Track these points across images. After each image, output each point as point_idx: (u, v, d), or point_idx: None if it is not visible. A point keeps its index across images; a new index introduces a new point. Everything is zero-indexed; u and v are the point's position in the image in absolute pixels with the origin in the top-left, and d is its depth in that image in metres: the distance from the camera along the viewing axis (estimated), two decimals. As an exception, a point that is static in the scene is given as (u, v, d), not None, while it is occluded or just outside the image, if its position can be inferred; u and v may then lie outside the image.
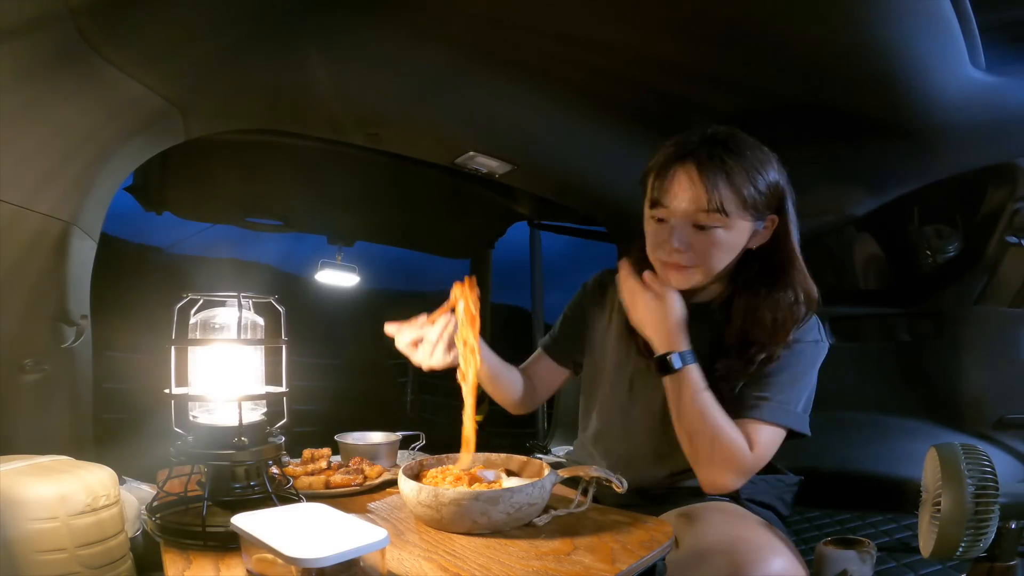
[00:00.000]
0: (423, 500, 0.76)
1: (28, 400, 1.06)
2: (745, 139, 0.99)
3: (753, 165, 0.96)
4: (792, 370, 0.98)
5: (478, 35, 1.26)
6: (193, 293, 0.79)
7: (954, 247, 2.37)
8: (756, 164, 0.96)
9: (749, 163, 0.96)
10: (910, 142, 1.65)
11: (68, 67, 1.00)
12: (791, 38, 1.24)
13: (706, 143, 0.97)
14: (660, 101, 1.52)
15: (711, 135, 0.98)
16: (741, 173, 0.94)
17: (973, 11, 1.26)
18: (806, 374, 0.99)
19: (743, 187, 0.94)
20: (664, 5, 1.14)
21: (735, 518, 0.91)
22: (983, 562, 0.82)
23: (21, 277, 1.04)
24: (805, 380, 0.99)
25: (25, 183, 1.01)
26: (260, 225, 3.41)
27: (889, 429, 2.18)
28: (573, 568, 0.67)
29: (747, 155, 0.96)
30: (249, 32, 1.16)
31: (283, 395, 0.83)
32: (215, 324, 0.81)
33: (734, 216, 0.95)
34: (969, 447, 0.80)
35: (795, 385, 0.97)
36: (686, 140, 0.99)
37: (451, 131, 1.68)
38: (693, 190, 0.94)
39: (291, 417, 0.84)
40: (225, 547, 0.71)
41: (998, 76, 1.43)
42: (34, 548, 0.64)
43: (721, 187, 0.93)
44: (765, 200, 0.97)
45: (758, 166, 0.97)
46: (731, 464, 0.92)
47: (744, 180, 0.94)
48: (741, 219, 0.96)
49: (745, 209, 0.95)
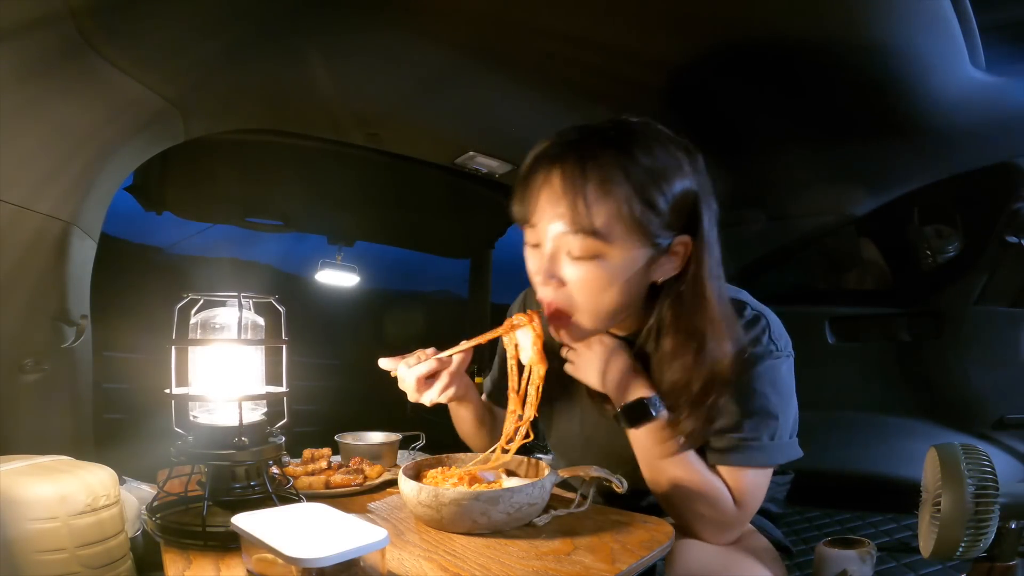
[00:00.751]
0: (423, 500, 0.76)
1: (28, 400, 1.06)
2: (645, 134, 0.76)
3: (648, 169, 0.73)
4: (754, 401, 0.82)
5: (478, 35, 1.26)
6: (193, 293, 0.79)
7: (954, 247, 2.37)
8: (653, 168, 0.73)
9: (641, 167, 0.73)
10: (910, 142, 1.66)
11: (68, 67, 1.00)
12: (791, 39, 1.24)
13: (584, 139, 0.75)
14: (660, 101, 1.53)
15: (596, 127, 0.77)
16: (624, 181, 0.71)
17: (973, 11, 1.26)
18: (767, 396, 0.82)
19: (627, 200, 0.71)
20: (663, 5, 1.14)
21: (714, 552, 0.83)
22: (983, 562, 0.82)
23: (21, 277, 1.04)
24: (771, 403, 0.83)
25: (25, 183, 1.01)
26: (260, 225, 3.41)
27: (889, 429, 2.19)
28: (573, 568, 0.67)
29: (638, 156, 0.73)
30: (249, 32, 1.16)
31: (283, 395, 0.83)
32: (215, 324, 0.81)
33: (617, 239, 0.72)
34: (969, 447, 0.80)
35: (764, 416, 0.82)
36: (563, 134, 0.77)
37: (451, 131, 1.68)
38: (558, 205, 0.72)
39: (291, 417, 0.84)
40: (225, 547, 0.71)
41: (998, 76, 1.43)
42: (34, 548, 0.64)
43: (593, 201, 0.71)
44: (666, 218, 0.74)
45: (656, 171, 0.73)
46: (717, 526, 0.83)
47: (630, 190, 0.71)
48: (628, 244, 0.73)
49: (634, 231, 0.73)
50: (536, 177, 0.76)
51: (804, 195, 2.03)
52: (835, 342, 2.34)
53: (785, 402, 0.85)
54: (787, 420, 0.85)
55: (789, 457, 0.86)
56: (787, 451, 0.86)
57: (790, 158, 1.84)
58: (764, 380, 0.83)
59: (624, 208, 0.72)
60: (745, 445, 0.83)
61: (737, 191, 2.03)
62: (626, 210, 0.72)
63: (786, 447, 0.86)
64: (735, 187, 2.00)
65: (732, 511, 0.84)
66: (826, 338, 2.33)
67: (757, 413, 0.82)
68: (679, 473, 0.83)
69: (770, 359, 0.83)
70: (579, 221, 0.72)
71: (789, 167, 1.90)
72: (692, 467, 0.84)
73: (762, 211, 2.14)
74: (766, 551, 0.89)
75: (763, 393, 0.82)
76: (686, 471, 0.83)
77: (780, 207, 2.10)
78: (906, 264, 2.51)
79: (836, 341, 2.34)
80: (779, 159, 1.86)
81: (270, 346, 0.83)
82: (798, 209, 2.09)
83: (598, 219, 0.71)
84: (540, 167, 0.76)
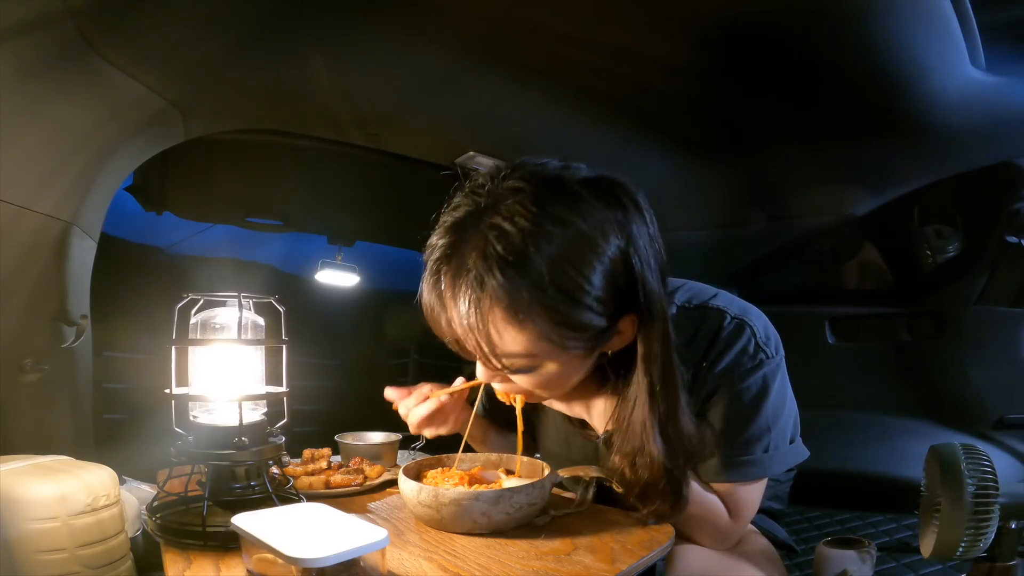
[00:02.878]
0: (423, 500, 0.76)
1: (28, 400, 1.06)
2: (542, 221, 0.60)
3: (557, 283, 0.60)
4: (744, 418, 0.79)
5: (478, 35, 1.26)
6: (193, 293, 0.79)
7: (954, 247, 2.37)
8: (563, 278, 0.60)
9: (548, 284, 0.59)
10: (910, 142, 1.66)
11: (68, 67, 1.00)
12: (791, 39, 1.24)
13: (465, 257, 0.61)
14: (660, 101, 1.53)
15: (474, 228, 0.62)
16: (531, 313, 0.60)
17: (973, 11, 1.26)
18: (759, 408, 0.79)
19: (541, 334, 0.61)
20: (663, 5, 1.14)
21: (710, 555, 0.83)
22: (983, 562, 0.81)
23: (21, 277, 1.04)
24: (764, 414, 0.79)
25: (26, 183, 1.01)
26: (260, 225, 3.41)
27: (889, 429, 2.19)
28: (573, 568, 0.67)
29: (542, 270, 0.59)
30: (249, 32, 1.16)
31: (283, 395, 0.83)
32: (215, 324, 0.81)
33: (547, 360, 0.66)
34: (969, 447, 0.80)
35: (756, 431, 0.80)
36: (437, 245, 0.64)
37: (451, 131, 1.68)
38: (456, 334, 0.65)
39: (291, 417, 0.84)
40: (225, 547, 0.71)
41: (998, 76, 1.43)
42: (34, 548, 0.64)
43: (499, 345, 0.62)
44: (596, 316, 0.64)
45: (569, 278, 0.60)
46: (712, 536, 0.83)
47: (542, 322, 0.61)
48: (561, 359, 0.67)
49: (560, 349, 0.65)
50: (430, 308, 0.67)
51: (804, 195, 2.03)
52: (835, 342, 2.34)
53: (779, 409, 0.82)
54: (784, 427, 0.83)
55: (789, 463, 0.84)
56: (787, 458, 0.84)
57: (790, 158, 1.84)
58: (752, 394, 0.79)
59: (542, 340, 0.63)
60: (738, 462, 0.81)
61: (737, 191, 2.03)
62: (545, 340, 0.63)
63: (786, 454, 0.84)
64: (735, 187, 2.00)
65: (727, 523, 0.83)
66: (826, 338, 2.33)
67: (748, 430, 0.80)
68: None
69: (759, 371, 0.79)
70: (492, 366, 0.65)
71: (789, 167, 1.90)
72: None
73: (762, 211, 2.14)
74: (764, 552, 0.89)
75: (755, 406, 0.79)
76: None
77: (780, 207, 2.10)
78: (906, 264, 2.51)
79: (836, 341, 2.34)
80: (779, 159, 1.86)
81: (270, 346, 0.83)
82: (798, 209, 2.09)
83: (513, 360, 0.65)
84: (431, 294, 0.66)
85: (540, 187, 0.62)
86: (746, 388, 0.79)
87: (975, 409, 2.11)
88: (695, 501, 0.80)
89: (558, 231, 0.60)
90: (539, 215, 0.60)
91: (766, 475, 0.82)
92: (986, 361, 2.12)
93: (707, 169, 1.89)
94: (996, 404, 2.08)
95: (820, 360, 2.32)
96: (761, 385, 0.80)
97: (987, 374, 2.11)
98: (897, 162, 1.80)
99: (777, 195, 2.06)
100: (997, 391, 2.09)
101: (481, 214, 0.63)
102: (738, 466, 0.81)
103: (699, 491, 0.82)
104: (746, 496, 0.83)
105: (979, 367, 2.12)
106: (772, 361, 0.81)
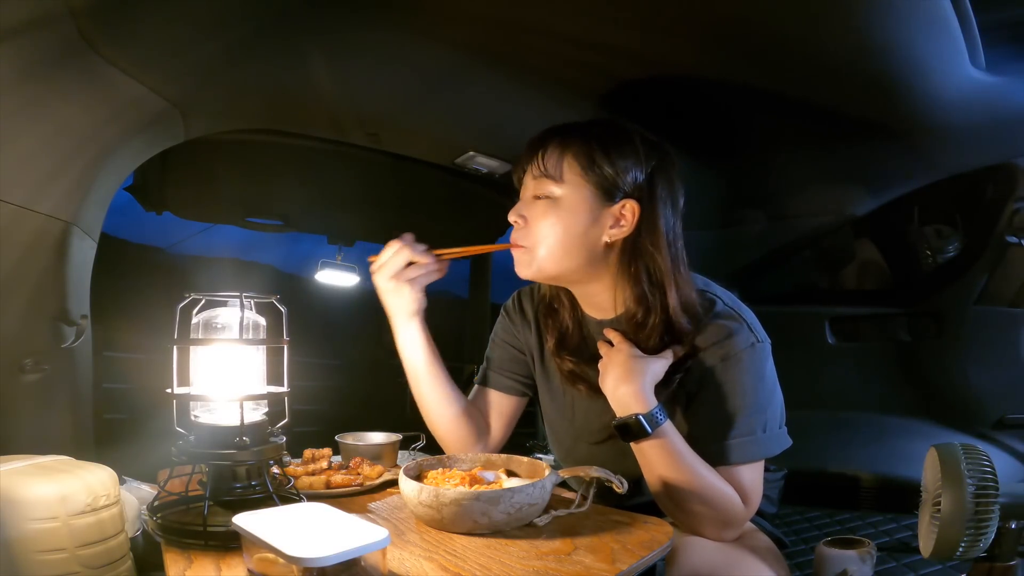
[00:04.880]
0: (424, 500, 0.76)
1: (28, 400, 1.06)
2: (609, 122, 0.93)
3: (601, 138, 0.89)
4: (745, 396, 0.86)
5: (478, 35, 1.26)
6: (195, 293, 0.79)
7: (954, 247, 2.37)
8: (605, 139, 0.90)
9: (596, 136, 0.90)
10: (910, 142, 1.65)
11: (68, 67, 1.00)
12: (790, 38, 1.24)
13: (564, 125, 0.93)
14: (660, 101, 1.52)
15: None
16: (580, 141, 0.89)
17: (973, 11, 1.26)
18: (756, 389, 0.87)
19: (581, 154, 0.88)
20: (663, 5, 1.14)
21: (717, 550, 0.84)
22: (983, 562, 0.82)
23: (21, 277, 1.04)
24: (760, 395, 0.87)
25: (26, 183, 1.01)
26: (260, 225, 3.41)
27: (889, 429, 2.19)
28: (573, 568, 0.67)
29: (595, 131, 0.91)
30: (249, 32, 1.16)
31: (284, 395, 0.83)
32: (217, 324, 0.81)
33: (568, 184, 0.88)
34: (969, 447, 0.80)
35: (756, 410, 0.87)
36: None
37: (451, 131, 1.68)
38: (530, 157, 0.92)
39: (292, 417, 0.84)
40: (226, 547, 0.71)
41: (998, 76, 1.43)
42: (34, 548, 0.64)
43: (552, 150, 0.89)
44: (613, 178, 0.88)
45: (608, 141, 0.89)
46: (721, 524, 0.85)
47: (583, 148, 0.89)
48: (579, 190, 0.89)
49: (583, 178, 0.88)
50: (525, 150, 0.94)
51: (803, 195, 2.03)
52: (835, 342, 2.34)
53: (771, 392, 0.90)
54: (775, 410, 0.89)
55: (782, 447, 0.89)
56: (780, 441, 0.89)
57: (789, 158, 1.84)
58: (752, 373, 0.87)
59: (574, 159, 0.89)
60: (741, 442, 0.86)
61: (736, 191, 2.03)
62: (576, 161, 0.89)
63: (778, 437, 0.89)
64: (734, 188, 2.00)
65: (739, 509, 0.85)
66: (826, 338, 2.33)
67: (749, 408, 0.86)
68: (679, 477, 0.84)
69: (753, 352, 0.88)
70: (543, 162, 0.89)
71: (788, 167, 1.90)
72: (692, 469, 0.84)
73: (761, 211, 2.14)
74: (769, 549, 0.90)
75: (752, 387, 0.87)
76: (685, 474, 0.84)
77: (779, 207, 2.10)
78: (906, 264, 2.51)
79: (836, 341, 2.34)
80: (778, 159, 1.86)
81: (271, 346, 0.83)
82: (797, 209, 2.09)
83: (551, 164, 0.89)
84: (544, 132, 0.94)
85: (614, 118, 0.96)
86: (744, 369, 0.87)
87: (975, 409, 2.12)
88: (705, 482, 0.84)
89: (613, 127, 0.93)
90: (608, 121, 0.94)
91: (766, 455, 0.87)
92: (986, 361, 2.13)
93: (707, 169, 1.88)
94: (996, 404, 2.09)
95: (820, 360, 2.32)
96: (757, 366, 0.88)
97: (987, 374, 2.12)
98: (897, 162, 1.79)
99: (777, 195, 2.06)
100: (997, 391, 2.09)
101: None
102: (741, 447, 0.86)
103: (709, 474, 0.85)
104: (751, 478, 0.87)
105: (979, 367, 2.12)
106: (764, 345, 0.89)
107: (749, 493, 0.86)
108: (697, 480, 0.83)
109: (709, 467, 0.85)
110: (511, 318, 1.10)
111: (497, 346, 1.10)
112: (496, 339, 1.11)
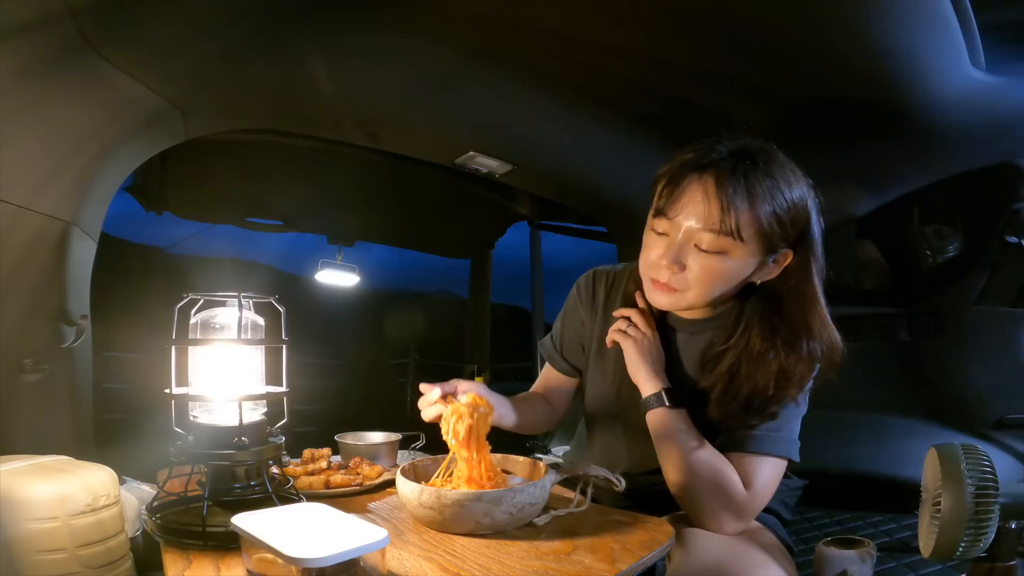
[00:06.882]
0: (424, 501, 0.76)
1: (28, 400, 1.06)
2: (778, 157, 0.87)
3: (781, 189, 0.84)
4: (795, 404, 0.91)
5: (478, 35, 1.26)
6: (193, 293, 0.79)
7: (954, 247, 2.37)
8: (784, 189, 0.84)
9: (777, 186, 0.84)
10: (910, 142, 1.65)
11: (69, 67, 1.00)
12: (791, 39, 1.24)
13: (733, 155, 0.85)
14: (660, 101, 1.53)
15: (741, 147, 0.87)
16: (766, 197, 0.83)
17: (973, 11, 1.26)
18: (801, 397, 0.92)
19: (765, 214, 0.83)
20: (664, 5, 1.14)
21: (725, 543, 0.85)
22: (983, 562, 0.82)
23: (21, 277, 1.04)
24: (802, 402, 0.92)
25: (26, 183, 1.01)
26: (260, 225, 3.41)
27: (889, 429, 2.19)
28: (573, 568, 0.67)
29: (776, 177, 0.84)
30: (249, 32, 1.16)
31: (283, 395, 0.83)
32: (216, 324, 0.81)
33: (747, 244, 0.84)
34: (969, 447, 0.80)
35: (795, 412, 0.91)
36: (709, 148, 0.87)
37: (451, 131, 1.68)
38: (706, 206, 0.83)
39: (291, 417, 0.84)
40: (225, 547, 0.71)
41: (998, 76, 1.43)
42: (34, 548, 0.64)
43: (740, 209, 0.82)
44: (784, 232, 0.85)
45: (786, 191, 0.84)
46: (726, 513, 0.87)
47: (768, 206, 0.83)
48: (753, 249, 0.85)
49: (761, 239, 0.84)
50: (687, 180, 0.85)
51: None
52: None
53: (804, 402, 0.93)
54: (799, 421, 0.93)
55: (795, 455, 0.91)
56: (797, 448, 0.91)
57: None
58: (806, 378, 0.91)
59: (762, 220, 0.83)
60: (770, 436, 0.89)
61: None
62: (763, 222, 0.83)
63: (796, 444, 0.91)
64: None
65: (743, 495, 0.87)
66: (826, 338, 2.32)
67: (791, 409, 0.90)
68: (689, 458, 0.88)
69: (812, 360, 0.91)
70: (726, 222, 0.82)
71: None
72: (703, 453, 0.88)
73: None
74: (778, 547, 0.91)
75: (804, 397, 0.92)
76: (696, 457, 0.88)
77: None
78: (906, 264, 2.51)
79: (836, 341, 2.34)
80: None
81: (270, 346, 0.83)
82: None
83: (740, 225, 0.82)
84: (692, 172, 0.85)
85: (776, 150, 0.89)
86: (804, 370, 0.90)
87: (975, 409, 2.11)
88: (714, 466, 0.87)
89: (789, 174, 0.87)
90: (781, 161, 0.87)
91: (787, 455, 0.90)
92: (986, 361, 2.13)
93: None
94: (996, 404, 2.09)
95: (820, 360, 2.31)
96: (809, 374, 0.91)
97: (987, 374, 2.11)
98: (897, 162, 1.79)
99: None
100: (997, 391, 2.09)
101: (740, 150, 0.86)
102: (768, 440, 0.89)
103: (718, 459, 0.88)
104: (770, 472, 0.89)
105: (979, 367, 2.12)
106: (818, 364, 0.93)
107: (757, 484, 0.88)
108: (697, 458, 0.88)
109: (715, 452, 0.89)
110: (581, 298, 1.11)
111: (566, 325, 1.13)
112: (565, 316, 1.14)
